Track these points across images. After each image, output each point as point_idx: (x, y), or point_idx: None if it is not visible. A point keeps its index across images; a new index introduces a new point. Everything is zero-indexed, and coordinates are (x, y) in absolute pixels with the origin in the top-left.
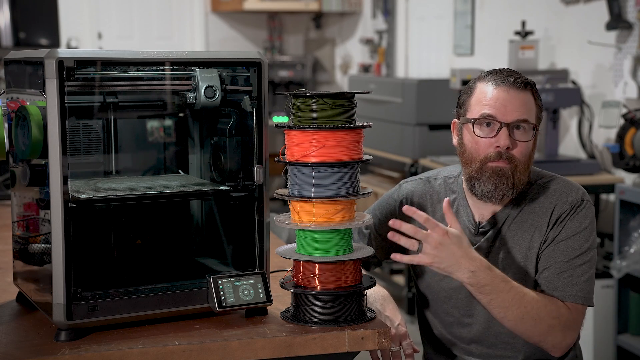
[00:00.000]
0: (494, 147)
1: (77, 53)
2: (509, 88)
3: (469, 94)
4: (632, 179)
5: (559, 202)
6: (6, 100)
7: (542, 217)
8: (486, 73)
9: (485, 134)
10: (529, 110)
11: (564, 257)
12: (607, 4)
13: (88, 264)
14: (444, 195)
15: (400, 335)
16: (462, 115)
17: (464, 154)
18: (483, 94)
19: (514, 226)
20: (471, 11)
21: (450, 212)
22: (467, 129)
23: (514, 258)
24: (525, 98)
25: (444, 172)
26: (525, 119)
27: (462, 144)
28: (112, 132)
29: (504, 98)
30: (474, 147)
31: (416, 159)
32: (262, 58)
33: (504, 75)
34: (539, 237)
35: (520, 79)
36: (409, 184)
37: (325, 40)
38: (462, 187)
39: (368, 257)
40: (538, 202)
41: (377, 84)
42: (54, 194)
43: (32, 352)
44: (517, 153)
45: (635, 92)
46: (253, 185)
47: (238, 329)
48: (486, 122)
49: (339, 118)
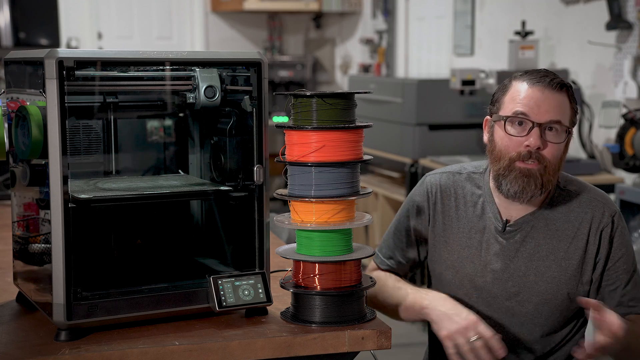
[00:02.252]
0: (524, 146)
1: (77, 53)
2: (544, 88)
3: (503, 91)
4: (632, 179)
5: (597, 214)
6: (6, 100)
7: (579, 228)
8: (523, 72)
9: (517, 133)
10: (563, 112)
11: (626, 275)
12: (607, 4)
13: (88, 264)
14: (469, 190)
15: (473, 322)
16: (494, 113)
17: (493, 150)
18: (517, 92)
19: (549, 234)
20: (471, 11)
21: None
22: (499, 127)
23: (549, 267)
24: (561, 99)
25: (469, 167)
26: (558, 120)
27: (492, 140)
28: (112, 132)
29: (538, 97)
30: (505, 144)
31: (416, 159)
32: (262, 58)
33: (540, 75)
34: (578, 249)
35: (557, 80)
36: (434, 177)
37: (325, 40)
38: (488, 184)
39: (368, 256)
40: (571, 210)
41: (377, 84)
42: (54, 194)
43: (32, 352)
44: (548, 154)
45: (635, 92)
46: (253, 185)
47: (238, 329)
48: (518, 120)
49: (339, 118)
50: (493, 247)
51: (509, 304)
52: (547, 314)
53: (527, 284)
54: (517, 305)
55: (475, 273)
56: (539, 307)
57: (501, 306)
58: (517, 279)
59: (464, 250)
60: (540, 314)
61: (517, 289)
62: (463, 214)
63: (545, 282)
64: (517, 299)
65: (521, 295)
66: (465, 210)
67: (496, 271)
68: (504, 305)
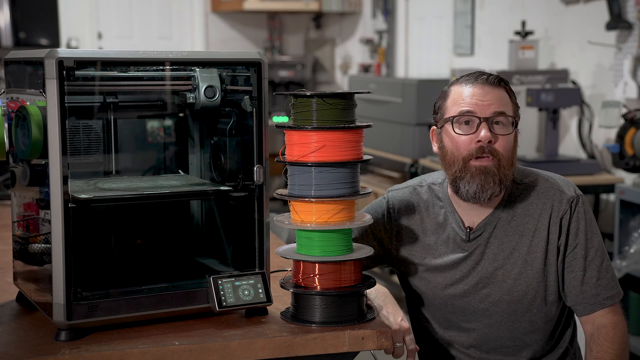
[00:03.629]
0: (475, 142)
1: (77, 53)
2: (484, 84)
3: (444, 98)
4: (632, 179)
5: (555, 202)
6: (6, 100)
7: (539, 219)
8: (458, 78)
9: (466, 131)
10: (505, 104)
11: (584, 262)
12: (607, 4)
13: (88, 264)
14: (431, 203)
15: (404, 330)
16: (439, 120)
17: (445, 156)
18: (458, 95)
19: (510, 230)
20: (471, 11)
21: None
22: (446, 132)
23: (515, 264)
24: (500, 94)
25: (429, 178)
26: (502, 111)
27: (442, 147)
28: (112, 132)
29: (479, 94)
30: (455, 146)
31: (416, 159)
32: (262, 58)
33: (476, 75)
34: (540, 241)
35: (493, 77)
36: (396, 193)
37: (325, 40)
38: (447, 194)
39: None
40: (530, 203)
41: (377, 84)
42: (54, 194)
43: (32, 352)
44: (500, 147)
45: (635, 92)
46: (253, 185)
47: (238, 329)
48: (465, 119)
49: (339, 118)
50: (459, 255)
51: (484, 306)
52: (522, 311)
53: (496, 284)
54: (491, 306)
55: (445, 282)
56: (512, 305)
57: (476, 309)
58: (485, 280)
59: (432, 261)
60: (515, 311)
61: (488, 291)
62: (428, 226)
63: (513, 280)
64: (489, 300)
65: (493, 296)
66: (429, 222)
67: (465, 277)
68: (479, 308)
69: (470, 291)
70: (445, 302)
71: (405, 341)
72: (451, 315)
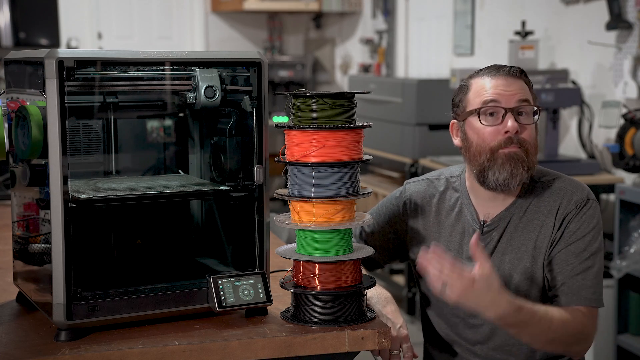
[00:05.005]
0: (502, 134)
1: (77, 53)
2: (506, 76)
3: (465, 92)
4: (632, 179)
5: (564, 201)
6: (6, 100)
7: (548, 215)
8: (477, 71)
9: (491, 123)
10: (527, 93)
11: (576, 260)
12: (607, 4)
13: (88, 264)
14: (447, 196)
15: (402, 337)
16: (461, 113)
17: (470, 148)
18: (481, 87)
19: (521, 226)
20: (471, 11)
21: (480, 250)
22: (470, 124)
23: (521, 259)
24: (522, 84)
25: (447, 172)
26: (526, 99)
27: (466, 139)
28: (112, 132)
29: (503, 84)
30: (482, 137)
31: (416, 159)
32: (262, 58)
33: (497, 68)
34: (545, 237)
35: (515, 68)
36: (413, 185)
37: (325, 40)
38: (465, 186)
39: (370, 256)
40: (543, 200)
41: (377, 84)
42: (54, 194)
43: (32, 352)
44: (527, 136)
45: (635, 92)
46: (253, 185)
47: (238, 329)
48: (490, 111)
49: (339, 118)
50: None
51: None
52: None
53: (502, 277)
54: None
55: None
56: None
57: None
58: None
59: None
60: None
61: None
62: (443, 218)
63: (519, 274)
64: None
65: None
66: (444, 214)
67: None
68: None
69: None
70: None
71: (402, 349)
72: (459, 310)
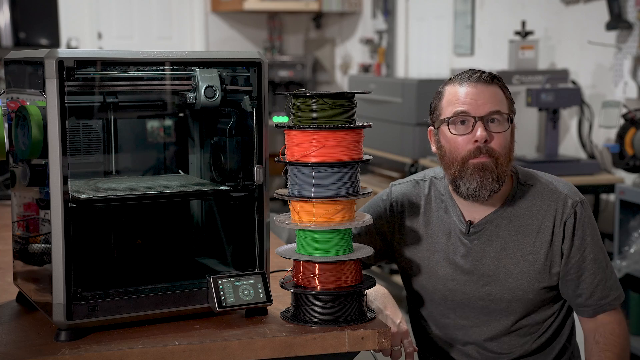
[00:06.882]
0: (472, 143)
1: (77, 53)
2: (476, 83)
3: (439, 98)
4: (632, 179)
5: (559, 206)
6: (6, 100)
7: (544, 221)
8: (451, 77)
9: (462, 131)
10: (499, 101)
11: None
12: (607, 4)
13: (88, 264)
14: (433, 197)
15: (402, 333)
16: (436, 120)
17: (444, 156)
18: (452, 94)
19: (513, 230)
20: (471, 11)
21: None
22: (443, 132)
23: (517, 264)
24: (494, 91)
25: (431, 172)
26: (497, 110)
27: (440, 147)
28: (112, 132)
29: (473, 93)
30: (453, 147)
31: (416, 159)
32: (262, 58)
33: (469, 74)
34: (543, 242)
35: (486, 74)
36: (399, 187)
37: (325, 40)
38: (447, 189)
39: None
40: (533, 204)
41: (377, 84)
42: (54, 194)
43: (32, 352)
44: (496, 145)
45: (635, 92)
46: (253, 185)
47: (238, 329)
48: (460, 119)
49: (339, 118)
50: (460, 249)
51: (483, 303)
52: (521, 310)
53: (497, 283)
54: (491, 303)
55: (446, 276)
56: (512, 304)
57: (476, 305)
58: (487, 278)
59: (433, 255)
60: (515, 310)
61: (489, 289)
62: (430, 219)
63: (515, 279)
64: (490, 298)
65: (494, 294)
66: (431, 215)
67: (466, 273)
68: (478, 305)
69: (471, 288)
70: (445, 297)
71: (403, 344)
72: (449, 311)
